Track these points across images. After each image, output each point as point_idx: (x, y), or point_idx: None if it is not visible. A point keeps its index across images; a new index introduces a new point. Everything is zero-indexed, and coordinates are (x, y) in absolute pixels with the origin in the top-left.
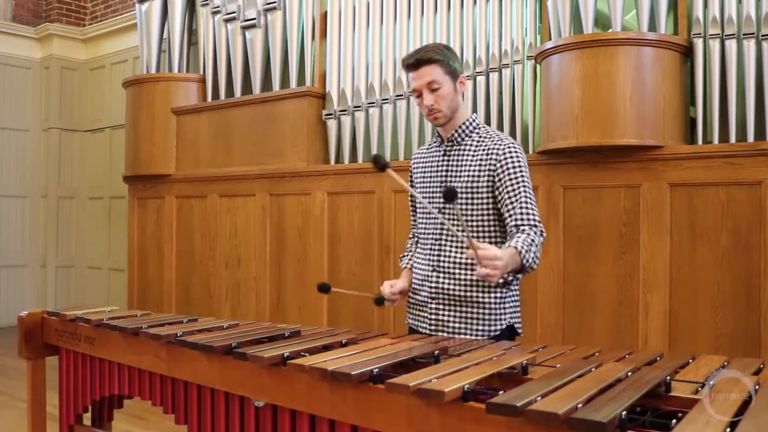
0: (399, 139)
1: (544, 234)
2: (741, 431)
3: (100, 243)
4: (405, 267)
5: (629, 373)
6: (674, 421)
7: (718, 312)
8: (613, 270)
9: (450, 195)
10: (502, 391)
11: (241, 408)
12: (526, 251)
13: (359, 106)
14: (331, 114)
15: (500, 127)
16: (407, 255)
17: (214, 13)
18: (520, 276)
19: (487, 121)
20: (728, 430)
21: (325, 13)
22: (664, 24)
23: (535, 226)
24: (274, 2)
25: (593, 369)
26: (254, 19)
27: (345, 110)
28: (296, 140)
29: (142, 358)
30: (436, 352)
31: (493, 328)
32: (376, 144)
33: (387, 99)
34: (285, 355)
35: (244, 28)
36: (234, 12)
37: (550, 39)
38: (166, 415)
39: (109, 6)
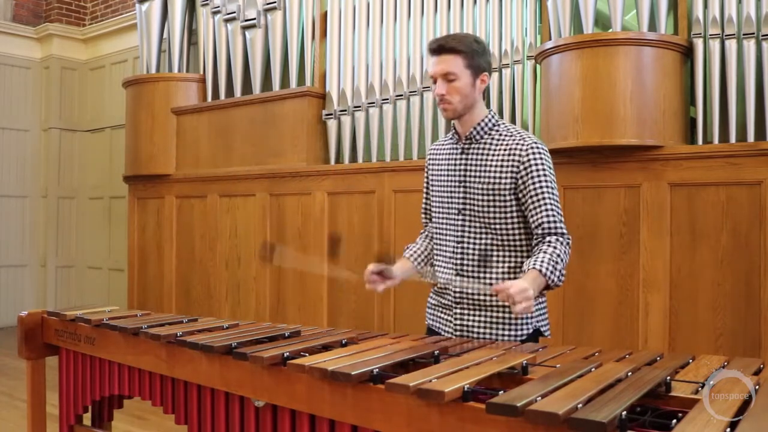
0: (399, 140)
1: (570, 242)
2: (741, 431)
3: (100, 243)
4: (404, 256)
5: (629, 373)
6: (674, 421)
7: (718, 312)
8: (613, 270)
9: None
10: (502, 391)
11: (241, 408)
12: (551, 272)
13: (359, 106)
14: (331, 114)
15: (518, 127)
16: (411, 246)
17: (214, 13)
18: (544, 292)
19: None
20: (728, 430)
21: (325, 13)
22: (664, 24)
23: (562, 234)
24: (274, 2)
25: (593, 369)
26: (254, 19)
27: (345, 110)
28: (296, 140)
29: (142, 358)
30: (436, 352)
31: (519, 332)
32: (376, 144)
33: (387, 99)
34: (285, 355)
35: (244, 28)
36: (234, 12)
37: (550, 39)
38: (166, 415)
39: (109, 6)
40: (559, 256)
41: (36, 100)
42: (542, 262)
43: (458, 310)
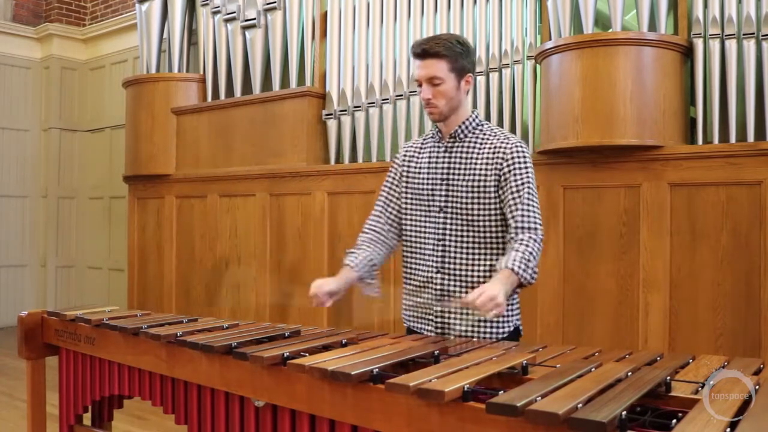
0: (399, 139)
1: (542, 238)
2: (741, 431)
3: (100, 243)
4: (347, 264)
5: (629, 373)
6: (674, 421)
7: (718, 312)
8: (613, 270)
9: None
10: (502, 391)
11: (241, 408)
12: (523, 270)
13: (359, 106)
14: (331, 114)
15: (500, 127)
16: (355, 252)
17: (214, 13)
18: (518, 290)
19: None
20: (728, 430)
21: (325, 13)
22: (664, 24)
23: (535, 230)
24: (274, 2)
25: (593, 369)
26: (254, 19)
27: (345, 110)
28: (296, 140)
29: (142, 358)
30: (436, 352)
31: (500, 330)
32: (376, 144)
33: (387, 99)
34: (285, 355)
35: (244, 28)
36: (234, 12)
37: (550, 39)
38: (166, 415)
39: (109, 6)
40: (531, 254)
41: (36, 100)
42: (514, 260)
43: (439, 308)
